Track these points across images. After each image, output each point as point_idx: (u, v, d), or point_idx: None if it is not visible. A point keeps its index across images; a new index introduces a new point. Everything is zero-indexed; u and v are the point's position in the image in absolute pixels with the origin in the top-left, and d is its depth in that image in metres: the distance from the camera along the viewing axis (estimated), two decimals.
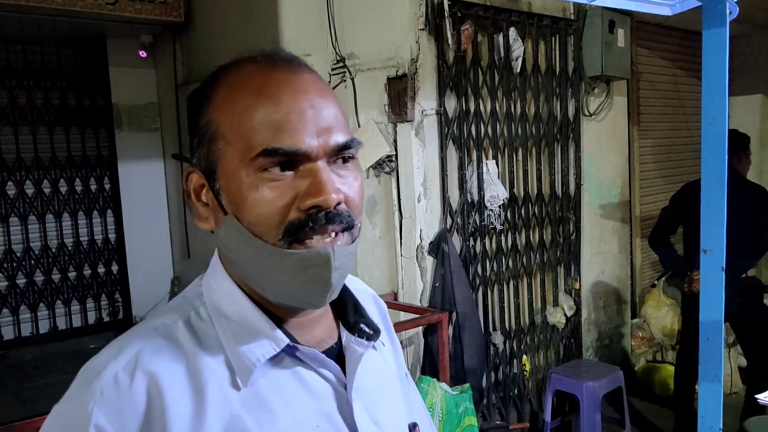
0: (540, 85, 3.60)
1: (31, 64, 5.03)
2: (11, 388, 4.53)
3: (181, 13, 4.51)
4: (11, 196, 5.01)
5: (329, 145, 0.67)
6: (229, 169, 0.68)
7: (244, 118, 0.67)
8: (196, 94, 0.73)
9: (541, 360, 3.77)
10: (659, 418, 3.87)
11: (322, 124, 0.67)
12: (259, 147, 0.65)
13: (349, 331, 0.78)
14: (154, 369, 0.65)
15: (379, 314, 0.92)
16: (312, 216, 0.65)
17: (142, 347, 0.67)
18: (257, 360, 0.68)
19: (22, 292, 5.11)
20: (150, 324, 0.71)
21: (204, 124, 0.70)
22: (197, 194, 0.73)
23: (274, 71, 0.69)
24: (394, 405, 0.82)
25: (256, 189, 0.66)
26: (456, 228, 3.24)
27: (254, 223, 0.66)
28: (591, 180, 3.99)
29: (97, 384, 0.64)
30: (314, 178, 0.66)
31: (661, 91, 4.94)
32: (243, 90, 0.68)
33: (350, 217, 0.68)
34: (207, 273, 0.77)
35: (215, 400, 0.66)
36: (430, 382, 2.77)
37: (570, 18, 3.75)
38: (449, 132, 3.18)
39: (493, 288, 3.48)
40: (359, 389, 0.74)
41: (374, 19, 3.23)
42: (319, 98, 0.69)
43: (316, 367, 0.73)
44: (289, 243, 0.66)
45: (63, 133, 5.19)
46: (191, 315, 0.71)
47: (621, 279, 4.34)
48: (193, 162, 0.72)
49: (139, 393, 0.63)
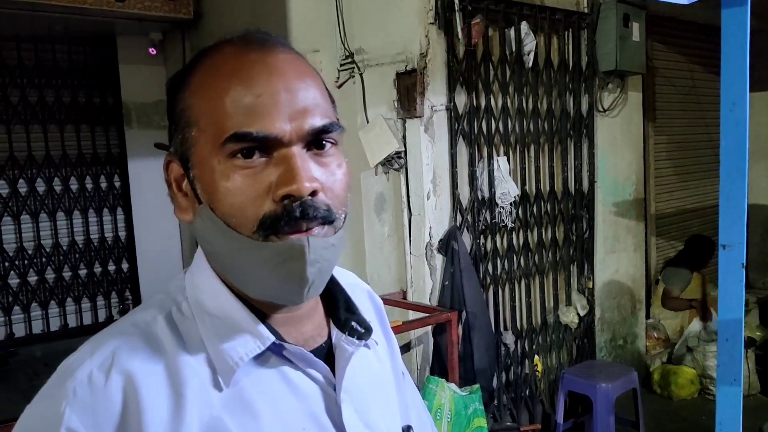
0: (552, 80, 3.53)
1: (42, 61, 5.05)
2: (21, 385, 4.55)
3: (190, 10, 4.50)
4: (23, 193, 5.03)
5: (303, 129, 0.63)
6: (201, 156, 0.64)
7: (216, 102, 0.63)
8: (174, 80, 0.69)
9: (554, 360, 3.70)
10: (674, 421, 3.79)
11: (297, 106, 0.63)
12: (228, 132, 0.61)
13: (339, 329, 0.74)
14: (130, 368, 0.61)
15: (374, 311, 0.87)
16: (286, 208, 0.61)
17: (119, 345, 0.63)
18: (240, 359, 0.64)
19: (33, 290, 5.12)
20: (129, 320, 0.67)
21: (180, 111, 0.66)
22: (178, 184, 0.69)
23: (249, 52, 0.65)
24: (387, 407, 0.78)
25: (227, 177, 0.62)
26: (466, 225, 3.18)
27: (228, 213, 0.63)
28: (605, 177, 3.92)
29: (70, 383, 0.60)
30: (287, 165, 0.62)
31: (677, 87, 4.85)
32: (217, 73, 0.64)
33: (328, 210, 0.63)
34: (191, 266, 0.73)
35: (195, 401, 0.62)
36: (438, 383, 2.72)
37: (583, 11, 3.68)
38: (459, 128, 3.13)
39: (504, 287, 3.42)
40: (349, 390, 0.70)
41: (383, 13, 3.18)
42: (296, 80, 0.64)
43: (303, 367, 0.69)
44: (265, 236, 0.62)
45: (73, 131, 5.20)
46: (173, 310, 0.68)
47: (635, 278, 4.25)
48: (171, 150, 0.68)
49: (114, 393, 0.60)
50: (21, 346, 5.02)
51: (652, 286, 4.66)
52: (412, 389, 0.93)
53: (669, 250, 4.88)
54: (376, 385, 0.77)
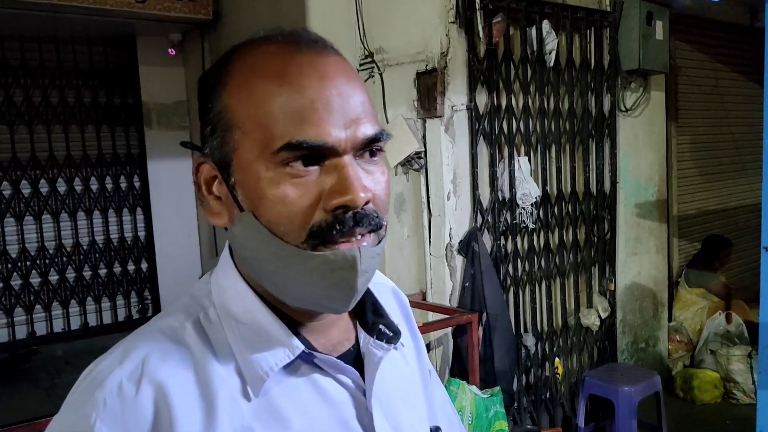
0: (574, 79, 3.49)
1: (63, 63, 5.10)
2: (43, 383, 4.59)
3: (209, 11, 4.51)
4: (44, 193, 5.08)
5: (358, 138, 0.61)
6: (245, 162, 0.61)
7: (263, 105, 0.60)
8: (207, 78, 0.67)
9: (574, 363, 3.65)
10: (698, 426, 3.73)
11: (350, 114, 0.61)
12: (281, 140, 0.59)
13: (367, 332, 0.72)
14: (161, 378, 0.60)
15: (400, 309, 0.86)
16: (339, 218, 0.59)
17: (149, 352, 0.62)
18: (270, 369, 0.63)
19: (54, 289, 5.17)
20: (155, 325, 0.66)
21: (217, 112, 0.63)
22: (208, 187, 0.66)
23: (296, 53, 0.62)
24: (416, 410, 0.77)
25: (276, 185, 0.60)
26: (486, 226, 3.15)
27: (274, 222, 0.60)
28: (627, 178, 3.86)
29: (99, 393, 0.59)
30: (341, 175, 0.60)
31: (700, 86, 4.77)
32: (262, 74, 0.61)
33: (378, 217, 0.62)
34: (216, 269, 0.71)
35: (226, 411, 0.60)
36: (459, 385, 2.69)
37: (606, 10, 3.63)
38: (480, 128, 3.10)
39: (525, 288, 3.38)
40: (378, 395, 0.69)
41: (403, 12, 3.16)
42: (347, 85, 0.62)
43: (333, 374, 0.67)
44: (314, 246, 0.60)
45: (94, 132, 5.24)
46: (200, 316, 0.66)
47: (658, 280, 4.19)
48: (205, 152, 0.65)
49: (145, 404, 0.58)
50: (42, 345, 5.08)
51: (674, 289, 4.59)
52: (440, 388, 0.92)
53: (691, 251, 4.81)
54: (404, 389, 0.76)
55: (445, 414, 0.89)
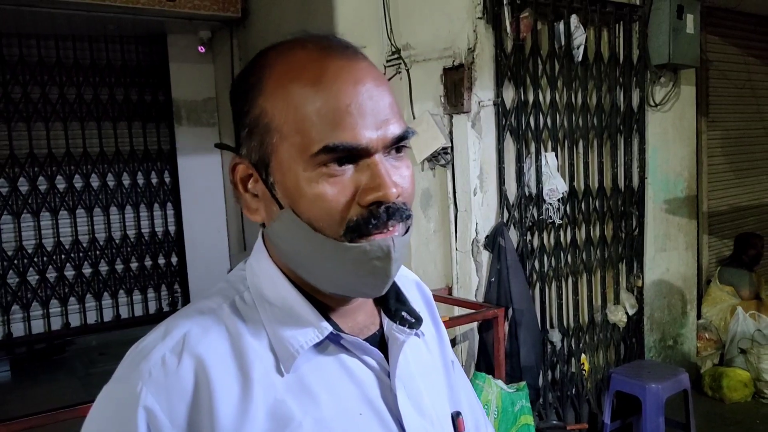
0: (602, 74, 3.46)
1: (96, 60, 5.22)
2: (78, 372, 4.73)
3: (238, 9, 4.58)
4: (78, 188, 5.21)
5: (388, 138, 0.66)
6: (284, 163, 0.66)
7: (301, 110, 0.64)
8: (241, 82, 0.71)
9: (601, 359, 3.63)
10: (727, 425, 3.68)
11: (381, 116, 0.65)
12: (319, 143, 0.63)
13: (390, 318, 0.77)
14: (200, 351, 0.65)
15: (423, 301, 0.91)
16: (373, 212, 0.64)
17: (189, 329, 0.67)
18: (300, 347, 0.68)
19: (88, 282, 5.31)
20: (195, 307, 0.71)
21: (254, 116, 0.68)
22: (244, 185, 0.71)
23: (330, 59, 0.66)
24: (437, 394, 0.81)
25: (315, 185, 0.64)
26: (513, 222, 3.15)
27: (314, 218, 0.65)
28: (656, 173, 3.82)
29: (145, 365, 0.64)
30: (374, 173, 0.64)
31: (732, 81, 4.69)
32: (298, 79, 0.65)
33: (407, 209, 0.67)
34: (250, 258, 0.76)
35: (260, 383, 0.65)
36: (486, 379, 2.71)
37: (635, 3, 3.59)
38: (507, 123, 3.10)
39: (551, 284, 3.38)
40: (402, 377, 0.73)
41: (430, 8, 3.17)
42: (376, 89, 0.66)
43: (359, 355, 0.72)
44: (351, 239, 0.65)
45: (126, 128, 5.37)
46: (236, 299, 0.71)
47: (687, 277, 4.14)
48: (242, 153, 0.70)
49: (186, 375, 0.63)
50: (77, 336, 5.22)
51: (703, 286, 4.53)
52: (463, 378, 0.96)
53: (722, 249, 4.73)
54: (426, 373, 0.80)
55: (468, 401, 0.93)
